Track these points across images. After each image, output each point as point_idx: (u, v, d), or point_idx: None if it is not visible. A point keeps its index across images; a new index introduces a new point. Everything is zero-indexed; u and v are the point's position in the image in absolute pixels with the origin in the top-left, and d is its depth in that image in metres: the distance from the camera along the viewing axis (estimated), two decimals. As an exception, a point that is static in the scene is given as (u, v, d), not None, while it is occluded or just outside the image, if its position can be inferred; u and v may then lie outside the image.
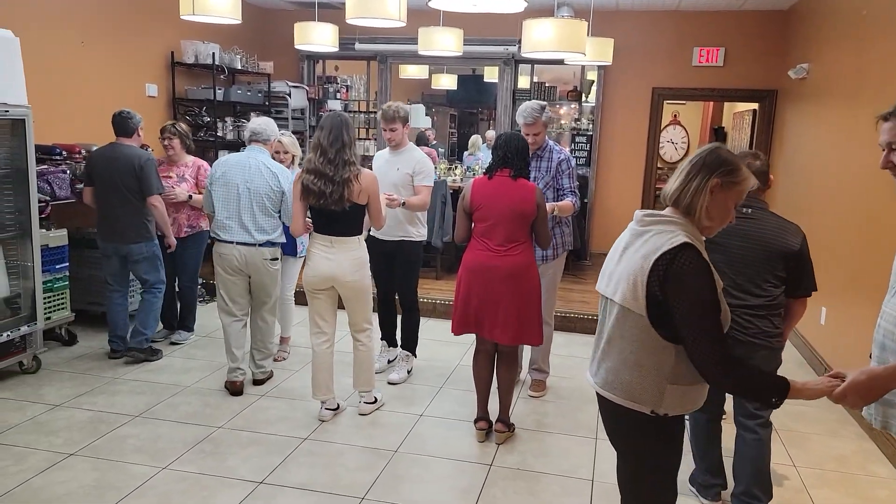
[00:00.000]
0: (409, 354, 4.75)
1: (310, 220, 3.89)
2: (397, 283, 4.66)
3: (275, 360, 4.85)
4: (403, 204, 4.26)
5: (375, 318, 4.32)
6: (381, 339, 4.86)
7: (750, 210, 2.99)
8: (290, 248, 4.73)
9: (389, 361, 4.83)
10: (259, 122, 4.33)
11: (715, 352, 1.84)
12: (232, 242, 4.15)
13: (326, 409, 4.01)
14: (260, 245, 4.19)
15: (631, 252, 1.99)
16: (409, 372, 4.70)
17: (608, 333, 2.05)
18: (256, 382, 4.44)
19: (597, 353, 2.13)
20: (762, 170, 3.01)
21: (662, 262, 1.88)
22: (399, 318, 4.78)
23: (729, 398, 3.29)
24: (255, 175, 4.13)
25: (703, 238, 2.01)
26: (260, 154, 4.22)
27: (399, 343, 4.80)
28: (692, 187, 1.96)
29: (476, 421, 3.85)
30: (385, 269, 4.62)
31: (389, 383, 4.57)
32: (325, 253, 3.75)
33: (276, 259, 4.31)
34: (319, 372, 3.95)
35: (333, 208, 3.62)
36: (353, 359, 4.05)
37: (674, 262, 1.86)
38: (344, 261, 3.74)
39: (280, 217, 4.26)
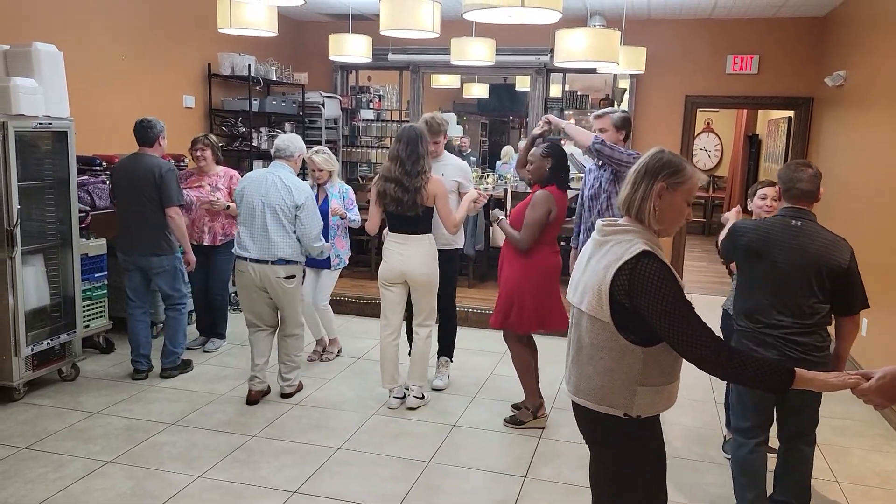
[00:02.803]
0: (448, 360, 4.85)
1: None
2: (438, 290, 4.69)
3: (320, 360, 5.07)
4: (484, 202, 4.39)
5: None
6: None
7: (800, 223, 2.88)
8: (324, 261, 4.80)
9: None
10: (283, 139, 4.30)
11: (706, 343, 1.88)
12: (247, 259, 4.14)
13: (395, 397, 4.29)
14: (273, 263, 4.10)
15: (594, 262, 2.04)
16: (448, 376, 4.80)
17: (578, 342, 2.10)
18: (284, 395, 4.38)
19: (568, 361, 2.19)
20: (814, 181, 2.94)
21: (624, 272, 1.93)
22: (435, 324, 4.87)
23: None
24: (271, 189, 4.09)
25: (660, 239, 2.05)
26: (280, 170, 4.17)
27: (436, 350, 4.83)
28: (639, 194, 2.01)
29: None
30: None
31: (434, 389, 4.64)
32: (399, 249, 4.09)
33: (292, 277, 4.19)
34: (386, 363, 4.25)
35: (408, 214, 3.99)
36: (411, 353, 4.34)
37: (635, 270, 1.92)
38: (414, 255, 4.06)
39: (296, 234, 4.15)
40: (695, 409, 4.41)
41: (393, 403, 4.28)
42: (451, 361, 4.85)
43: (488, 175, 8.03)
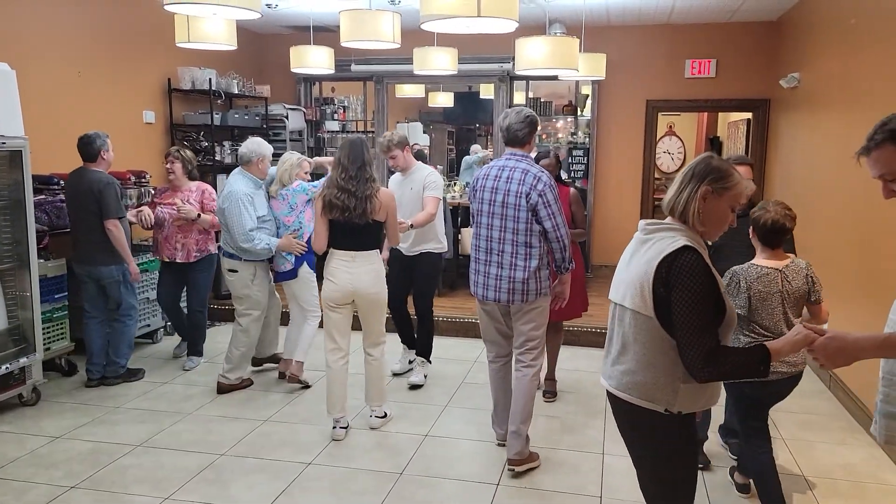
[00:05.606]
0: (425, 360, 4.97)
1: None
2: (415, 290, 4.89)
3: (298, 382, 4.80)
4: (412, 226, 4.47)
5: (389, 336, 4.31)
6: (402, 342, 5.12)
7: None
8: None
9: (410, 362, 5.06)
10: (244, 145, 4.60)
11: (699, 347, 1.94)
12: None
13: (341, 427, 4.03)
14: (224, 254, 4.66)
15: (637, 259, 2.09)
16: (425, 376, 4.92)
17: (622, 338, 2.14)
18: (219, 390, 4.68)
19: (609, 357, 2.22)
20: None
21: (665, 265, 1.99)
22: (415, 324, 5.04)
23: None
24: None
25: (708, 242, 2.13)
26: (234, 176, 4.57)
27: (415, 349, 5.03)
28: (684, 196, 2.08)
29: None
30: (399, 278, 4.85)
31: (411, 386, 4.81)
32: (347, 267, 3.87)
33: (233, 271, 4.62)
34: (335, 388, 4.00)
35: (356, 222, 3.79)
36: (364, 375, 4.16)
37: (674, 263, 1.98)
38: (364, 274, 3.88)
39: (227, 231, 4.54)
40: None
41: (339, 434, 3.97)
42: (430, 363, 4.98)
43: (455, 183, 8.05)
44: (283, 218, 4.64)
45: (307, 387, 4.78)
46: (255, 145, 4.57)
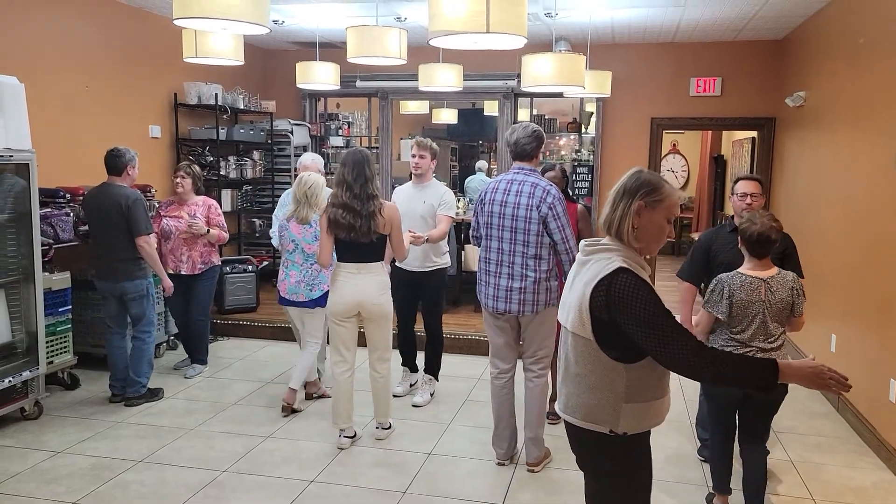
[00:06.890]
0: (432, 378, 4.95)
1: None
2: (424, 309, 4.87)
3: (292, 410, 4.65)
4: (427, 240, 4.43)
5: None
6: (402, 365, 5.06)
7: None
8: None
9: (412, 385, 5.05)
10: None
11: (684, 348, 1.88)
12: None
13: (345, 436, 4.07)
14: None
15: (577, 281, 2.08)
16: (431, 395, 4.88)
17: (566, 360, 2.14)
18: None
19: (558, 380, 2.22)
20: None
21: (601, 288, 1.96)
22: (423, 343, 5.00)
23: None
24: None
25: (646, 257, 2.10)
26: None
27: (422, 367, 5.00)
28: (618, 213, 2.05)
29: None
30: (407, 298, 4.80)
31: (414, 406, 4.74)
32: (352, 280, 3.88)
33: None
34: (340, 401, 4.05)
35: (362, 241, 3.80)
36: (371, 392, 4.18)
37: (611, 286, 1.95)
38: (369, 285, 3.89)
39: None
40: (671, 428, 4.41)
41: (343, 443, 4.04)
42: (437, 381, 4.96)
43: (459, 199, 8.05)
44: (304, 245, 4.45)
45: (296, 410, 4.61)
46: (302, 158, 5.00)
